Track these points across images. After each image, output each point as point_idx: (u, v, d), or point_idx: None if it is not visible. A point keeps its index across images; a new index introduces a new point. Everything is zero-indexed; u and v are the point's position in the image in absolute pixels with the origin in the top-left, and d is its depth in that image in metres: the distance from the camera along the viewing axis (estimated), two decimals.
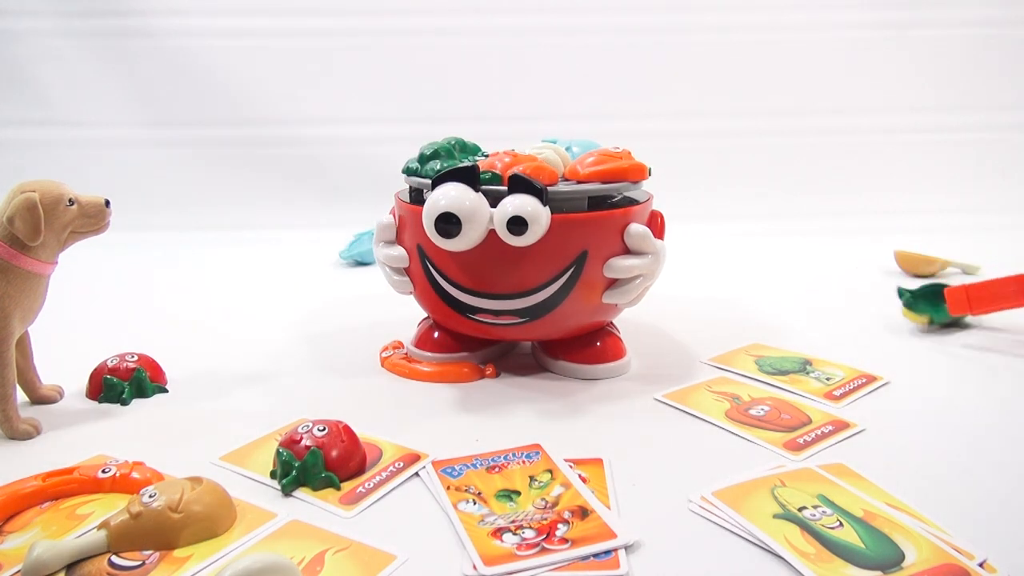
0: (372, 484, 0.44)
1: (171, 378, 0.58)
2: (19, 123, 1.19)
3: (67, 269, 0.53)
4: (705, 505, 0.41)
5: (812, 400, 0.55)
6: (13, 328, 0.48)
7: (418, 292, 0.59)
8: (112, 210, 0.50)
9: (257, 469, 0.45)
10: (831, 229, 1.12)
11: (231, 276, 0.93)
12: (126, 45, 1.19)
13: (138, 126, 1.21)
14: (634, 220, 0.55)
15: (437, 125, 0.81)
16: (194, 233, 1.11)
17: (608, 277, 0.55)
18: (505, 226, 0.49)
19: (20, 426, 0.49)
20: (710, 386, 0.57)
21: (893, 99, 1.22)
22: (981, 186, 1.21)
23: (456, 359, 0.60)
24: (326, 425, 0.45)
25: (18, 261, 0.47)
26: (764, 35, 1.23)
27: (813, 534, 0.38)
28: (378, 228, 0.59)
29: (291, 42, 1.21)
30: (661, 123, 1.23)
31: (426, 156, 0.57)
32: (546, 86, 1.22)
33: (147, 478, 0.43)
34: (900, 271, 0.91)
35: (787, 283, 0.88)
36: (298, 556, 0.37)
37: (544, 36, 1.23)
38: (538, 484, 0.43)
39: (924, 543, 0.38)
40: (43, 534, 0.39)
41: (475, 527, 0.39)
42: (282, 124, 1.22)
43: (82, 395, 0.56)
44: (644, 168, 0.57)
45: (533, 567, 0.36)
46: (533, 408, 0.54)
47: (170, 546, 0.38)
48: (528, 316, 0.54)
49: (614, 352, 0.60)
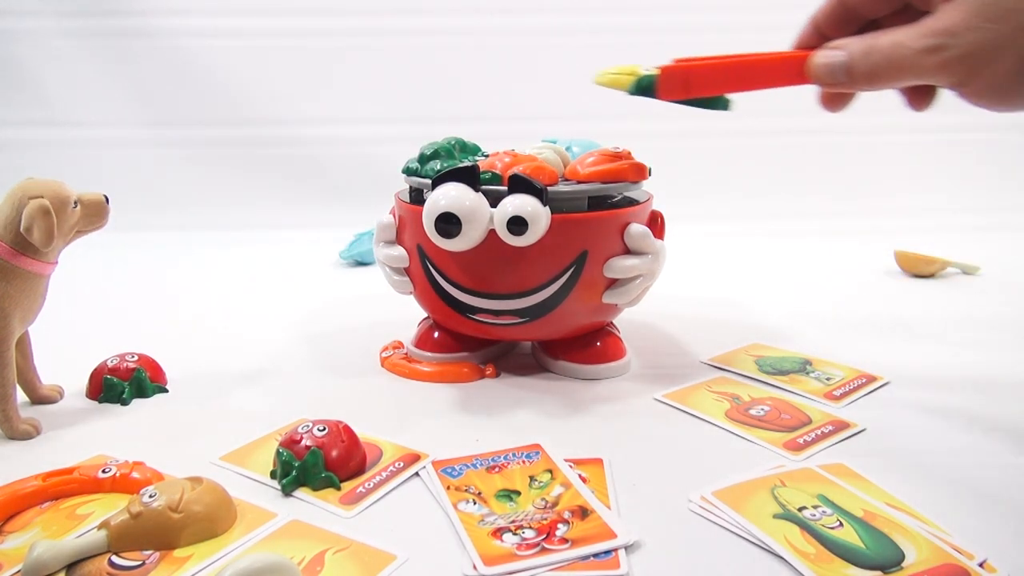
0: (372, 484, 0.44)
1: (171, 378, 0.58)
2: (19, 123, 1.19)
3: (67, 269, 0.53)
4: (705, 505, 0.41)
5: (812, 400, 0.55)
6: (13, 328, 0.48)
7: (418, 292, 0.59)
8: (111, 206, 0.50)
9: (257, 469, 0.45)
10: (831, 229, 1.12)
11: (231, 276, 0.93)
12: (126, 45, 1.19)
13: (138, 126, 1.21)
14: (634, 220, 0.55)
15: (437, 125, 0.81)
16: (194, 233, 1.11)
17: (608, 277, 0.55)
18: (505, 226, 0.49)
19: (20, 426, 0.49)
20: (710, 386, 0.57)
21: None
22: (981, 186, 1.21)
23: (456, 359, 0.60)
24: (326, 425, 0.45)
25: (18, 261, 0.46)
26: (765, 35, 1.23)
27: (813, 534, 0.38)
28: (378, 228, 0.59)
29: (291, 42, 1.21)
30: (661, 123, 1.23)
31: (426, 156, 0.57)
32: (546, 86, 1.22)
33: (147, 478, 0.43)
34: (900, 271, 0.91)
35: (787, 283, 0.88)
36: (298, 556, 0.37)
37: (544, 36, 1.23)
38: (538, 484, 0.43)
39: (924, 543, 0.38)
40: (43, 534, 0.39)
41: (475, 527, 0.39)
42: (282, 124, 1.22)
43: (82, 395, 0.56)
44: (644, 168, 0.57)
45: (533, 567, 0.36)
46: (533, 408, 0.54)
47: (170, 546, 0.38)
48: (528, 316, 0.54)
49: (614, 352, 0.60)
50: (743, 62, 0.48)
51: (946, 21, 0.38)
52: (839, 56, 0.42)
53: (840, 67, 0.42)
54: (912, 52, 0.39)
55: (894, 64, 0.40)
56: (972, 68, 0.38)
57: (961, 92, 0.40)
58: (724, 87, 0.49)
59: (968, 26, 0.38)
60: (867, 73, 0.41)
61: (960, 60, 0.38)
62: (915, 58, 0.39)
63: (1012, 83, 0.38)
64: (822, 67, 0.43)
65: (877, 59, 0.41)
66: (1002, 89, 0.39)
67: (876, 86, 0.42)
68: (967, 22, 0.38)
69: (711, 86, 0.48)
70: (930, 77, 0.40)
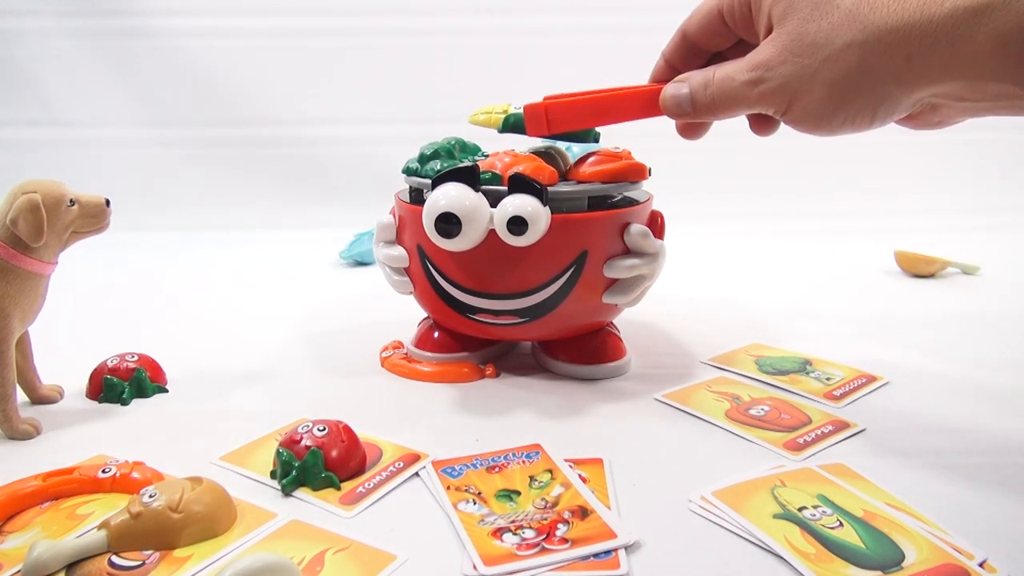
0: (372, 484, 0.44)
1: (171, 378, 0.58)
2: (19, 123, 1.19)
3: (67, 269, 0.53)
4: (705, 505, 0.41)
5: (812, 400, 0.55)
6: (13, 328, 0.48)
7: (418, 292, 0.59)
8: (112, 209, 0.50)
9: (257, 469, 0.45)
10: (831, 229, 1.12)
11: (231, 276, 0.93)
12: (126, 45, 1.19)
13: (138, 126, 1.21)
14: (634, 220, 0.55)
15: (437, 125, 0.81)
16: (194, 233, 1.11)
17: (608, 277, 0.55)
18: (505, 226, 0.49)
19: (20, 426, 0.49)
20: (710, 386, 0.57)
21: None
22: (981, 186, 1.21)
23: (456, 359, 0.60)
24: (326, 425, 0.45)
25: (18, 261, 0.46)
26: None
27: (813, 534, 0.38)
28: (378, 228, 0.59)
29: (291, 42, 1.21)
30: (661, 123, 1.23)
31: (426, 156, 0.57)
32: (546, 86, 1.22)
33: (147, 478, 0.43)
34: (900, 271, 0.91)
35: (787, 283, 0.88)
36: (298, 556, 0.37)
37: (544, 36, 1.23)
38: (538, 484, 0.43)
39: (924, 543, 0.38)
40: (43, 534, 0.39)
41: (475, 527, 0.39)
42: (282, 124, 1.22)
43: (82, 395, 0.56)
44: (645, 168, 0.57)
45: (533, 567, 0.36)
46: (533, 408, 0.54)
47: (170, 546, 0.38)
48: (528, 316, 0.54)
49: (614, 352, 0.60)
50: (602, 98, 0.50)
51: (763, 56, 0.42)
52: (683, 89, 0.46)
53: (685, 99, 0.46)
54: (739, 84, 0.43)
55: (728, 96, 0.44)
56: (788, 98, 0.42)
57: (784, 119, 0.44)
58: (586, 122, 0.52)
59: (780, 60, 0.41)
60: (707, 104, 0.45)
61: (776, 91, 0.42)
62: (742, 90, 0.43)
63: (824, 110, 0.41)
64: (670, 99, 0.47)
65: (714, 91, 0.45)
66: (816, 115, 0.42)
67: (717, 116, 0.46)
68: (779, 56, 0.41)
69: (572, 122, 0.51)
70: (757, 107, 0.43)
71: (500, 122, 0.55)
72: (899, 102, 0.40)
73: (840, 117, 0.41)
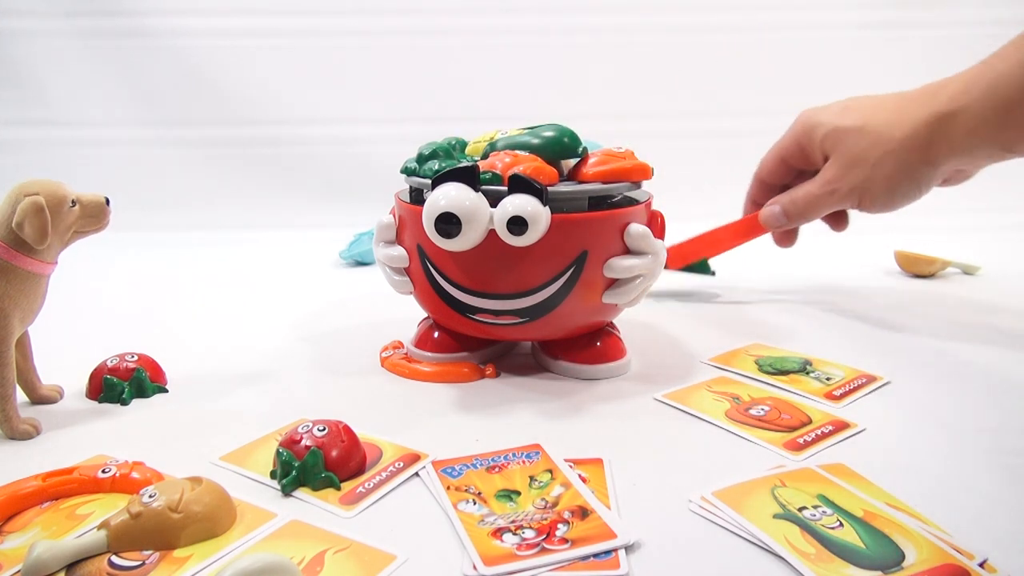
0: (372, 484, 0.44)
1: (171, 378, 0.58)
2: (19, 123, 1.19)
3: (67, 269, 0.53)
4: (705, 505, 0.41)
5: (812, 400, 0.55)
6: (13, 328, 0.48)
7: (418, 292, 0.59)
8: (111, 208, 0.50)
9: (257, 469, 0.45)
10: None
11: (231, 276, 0.93)
12: (126, 45, 1.19)
13: (138, 126, 1.21)
14: (634, 220, 0.55)
15: (437, 125, 0.81)
16: (194, 233, 1.11)
17: (608, 277, 0.55)
18: (505, 226, 0.49)
19: (20, 426, 0.49)
20: (710, 386, 0.57)
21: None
22: (981, 186, 1.20)
23: (456, 359, 0.60)
24: (326, 425, 0.45)
25: (18, 261, 0.46)
26: (766, 35, 1.23)
27: (813, 534, 0.38)
28: (378, 228, 0.59)
29: (291, 42, 1.21)
30: (661, 123, 1.23)
31: (425, 156, 0.57)
32: (547, 86, 1.22)
33: (147, 478, 0.43)
34: (900, 271, 0.91)
35: (787, 283, 0.88)
36: (298, 556, 0.37)
37: (544, 36, 1.23)
38: (538, 484, 0.43)
39: (924, 543, 0.38)
40: (43, 534, 0.39)
41: (475, 527, 0.39)
42: (282, 124, 1.22)
43: (82, 395, 0.55)
44: (648, 168, 0.57)
45: (533, 567, 0.36)
46: (533, 408, 0.54)
47: (170, 546, 0.38)
48: (528, 316, 0.54)
49: (614, 352, 0.60)
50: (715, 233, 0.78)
51: (830, 174, 0.66)
52: (776, 208, 0.71)
53: (779, 214, 0.70)
54: (818, 196, 0.67)
55: (811, 205, 0.68)
56: (857, 196, 0.65)
57: (860, 209, 0.67)
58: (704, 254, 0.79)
59: (843, 174, 0.65)
60: (797, 214, 0.69)
61: (848, 194, 0.66)
62: (822, 199, 0.67)
63: (886, 197, 0.64)
64: (768, 217, 0.72)
65: (800, 204, 0.69)
66: (881, 202, 0.65)
67: (805, 220, 0.70)
68: (841, 171, 0.65)
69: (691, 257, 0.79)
70: (837, 206, 0.68)
71: (483, 152, 0.57)
72: (932, 177, 0.63)
73: (897, 198, 0.64)
